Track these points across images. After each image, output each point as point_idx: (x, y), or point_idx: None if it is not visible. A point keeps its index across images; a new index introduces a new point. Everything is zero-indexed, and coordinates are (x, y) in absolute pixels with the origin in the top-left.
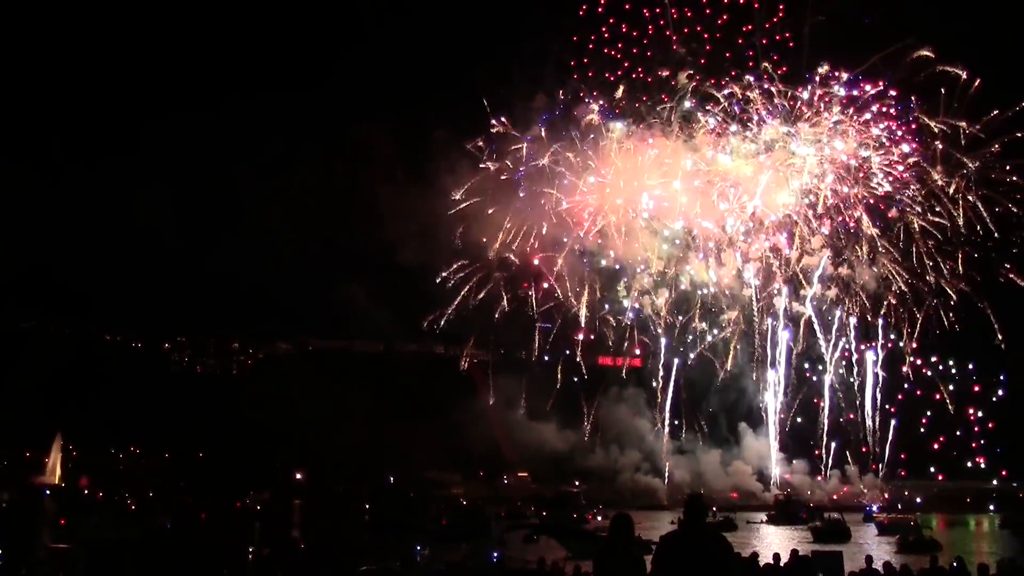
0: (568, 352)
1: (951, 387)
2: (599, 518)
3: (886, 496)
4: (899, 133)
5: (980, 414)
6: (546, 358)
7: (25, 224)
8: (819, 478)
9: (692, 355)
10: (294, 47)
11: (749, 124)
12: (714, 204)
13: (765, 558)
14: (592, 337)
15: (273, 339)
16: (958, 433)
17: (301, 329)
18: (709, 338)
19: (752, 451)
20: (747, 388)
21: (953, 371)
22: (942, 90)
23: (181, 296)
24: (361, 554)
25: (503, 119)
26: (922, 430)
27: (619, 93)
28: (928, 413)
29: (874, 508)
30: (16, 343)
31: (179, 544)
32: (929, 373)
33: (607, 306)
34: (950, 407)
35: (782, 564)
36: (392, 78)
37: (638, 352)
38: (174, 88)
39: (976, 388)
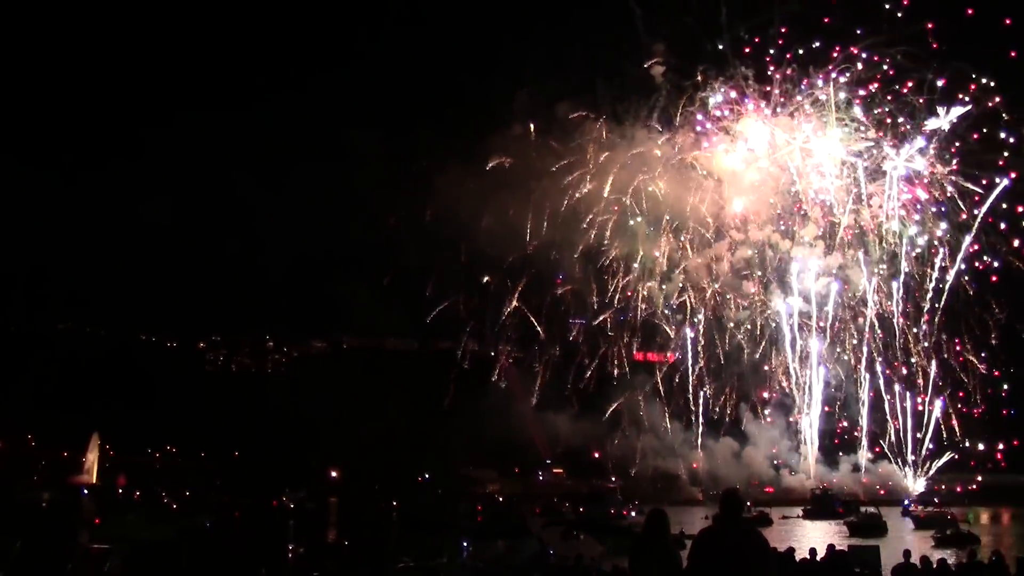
0: (601, 347)
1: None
2: (633, 514)
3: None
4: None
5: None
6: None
7: (62, 228)
8: (835, 475)
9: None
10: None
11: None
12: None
13: (801, 553)
14: (627, 331)
15: (307, 338)
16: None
17: (335, 327)
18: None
19: (762, 438)
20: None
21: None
22: None
23: (216, 296)
24: (398, 551)
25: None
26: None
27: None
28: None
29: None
30: (54, 344)
31: (216, 543)
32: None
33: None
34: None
35: (818, 559)
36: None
37: (673, 347)
38: (201, 91)
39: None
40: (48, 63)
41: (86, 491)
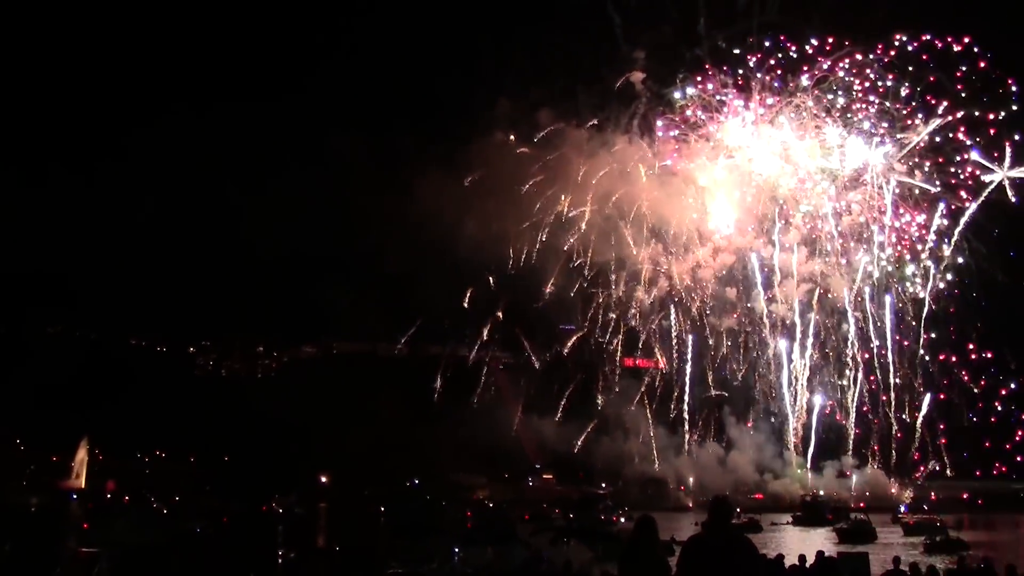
0: (587, 354)
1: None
2: (623, 520)
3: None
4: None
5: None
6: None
7: (50, 230)
8: (820, 481)
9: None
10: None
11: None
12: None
13: (791, 559)
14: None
15: (297, 342)
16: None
17: (325, 332)
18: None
19: (747, 444)
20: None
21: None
22: None
23: (206, 300)
24: (388, 557)
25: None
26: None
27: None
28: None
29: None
30: (43, 348)
31: (206, 548)
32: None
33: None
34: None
35: (807, 565)
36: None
37: (661, 355)
38: (188, 94)
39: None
40: (36, 63)
41: (75, 496)
